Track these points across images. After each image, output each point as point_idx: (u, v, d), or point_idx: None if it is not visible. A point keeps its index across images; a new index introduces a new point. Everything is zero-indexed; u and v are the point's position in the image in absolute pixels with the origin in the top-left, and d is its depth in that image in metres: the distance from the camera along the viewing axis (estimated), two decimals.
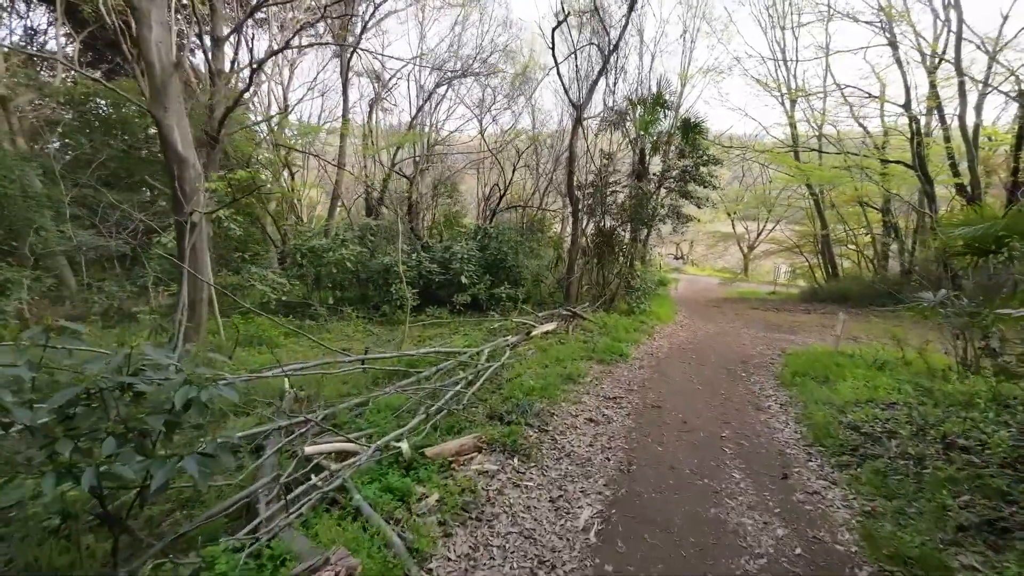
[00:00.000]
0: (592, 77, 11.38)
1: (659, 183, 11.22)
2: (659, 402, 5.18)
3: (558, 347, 7.44)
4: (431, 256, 10.77)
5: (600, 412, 4.80)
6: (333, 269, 9.31)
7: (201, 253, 5.52)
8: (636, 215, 11.27)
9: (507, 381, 5.69)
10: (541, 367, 6.36)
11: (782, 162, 17.10)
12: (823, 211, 17.70)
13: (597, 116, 11.80)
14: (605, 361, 6.79)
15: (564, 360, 6.68)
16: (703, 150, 10.82)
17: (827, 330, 11.03)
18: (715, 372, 6.73)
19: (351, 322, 9.19)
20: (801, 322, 12.18)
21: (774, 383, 6.14)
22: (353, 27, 14.22)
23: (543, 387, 5.29)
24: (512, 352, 7.25)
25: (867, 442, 3.77)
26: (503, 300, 10.48)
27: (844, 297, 15.96)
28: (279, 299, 8.70)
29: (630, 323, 9.49)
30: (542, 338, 8.22)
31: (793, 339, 9.72)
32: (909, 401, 4.50)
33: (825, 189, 17.66)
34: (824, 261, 18.35)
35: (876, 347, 7.55)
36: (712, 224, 25.11)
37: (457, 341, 7.87)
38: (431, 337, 8.60)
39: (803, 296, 17.48)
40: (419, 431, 4.06)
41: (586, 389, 5.53)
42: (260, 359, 6.80)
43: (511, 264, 11.04)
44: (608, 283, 11.77)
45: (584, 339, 8.26)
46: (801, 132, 18.08)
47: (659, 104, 11.58)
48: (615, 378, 6.11)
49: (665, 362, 7.20)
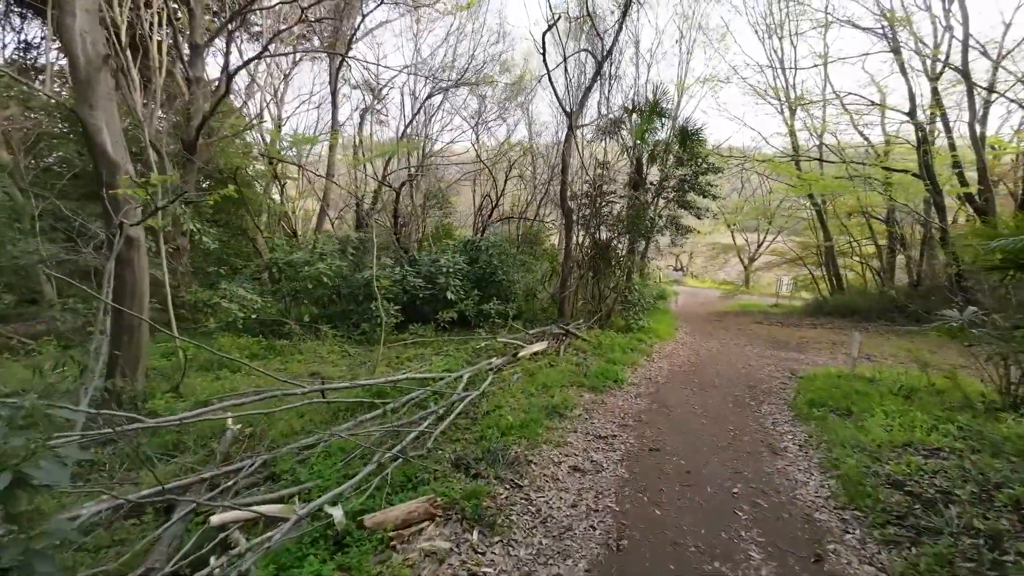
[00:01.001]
0: (586, 84, 10.77)
1: (656, 193, 10.53)
2: (658, 442, 4.39)
3: (547, 371, 6.66)
4: (416, 270, 10.05)
5: (588, 457, 4.01)
6: (309, 285, 8.60)
7: (139, 271, 4.81)
8: (633, 226, 10.56)
9: (484, 415, 4.92)
10: (525, 396, 5.59)
11: (782, 172, 16.44)
12: (826, 222, 16.97)
13: (592, 124, 11.19)
14: (597, 388, 5.99)
15: (552, 387, 5.91)
16: (702, 158, 10.14)
17: (837, 348, 10.23)
18: (721, 400, 5.93)
19: (327, 341, 8.44)
20: (808, 338, 11.36)
21: (788, 415, 5.33)
22: (343, 36, 13.73)
23: (523, 424, 4.51)
24: (496, 377, 6.48)
25: (916, 506, 2.97)
26: (492, 317, 9.73)
27: (851, 311, 15.14)
28: (247, 318, 7.96)
29: (627, 342, 8.71)
30: (531, 360, 7.45)
31: (802, 358, 8.91)
32: (957, 447, 3.70)
33: (828, 199, 16.95)
34: (828, 273, 17.56)
35: (897, 371, 6.75)
36: (712, 236, 24.41)
37: (437, 364, 7.11)
38: (411, 358, 7.84)
39: (807, 309, 16.65)
40: (364, 488, 3.28)
41: (573, 425, 4.74)
42: (215, 387, 6.06)
43: (501, 278, 10.31)
44: (604, 298, 11.01)
45: (576, 360, 7.48)
46: (801, 142, 17.46)
47: (655, 112, 10.94)
48: (608, 410, 5.32)
49: (665, 388, 6.41)
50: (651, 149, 11.11)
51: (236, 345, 7.44)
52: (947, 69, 13.19)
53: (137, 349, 5.07)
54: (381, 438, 4.30)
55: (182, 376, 5.75)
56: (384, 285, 9.24)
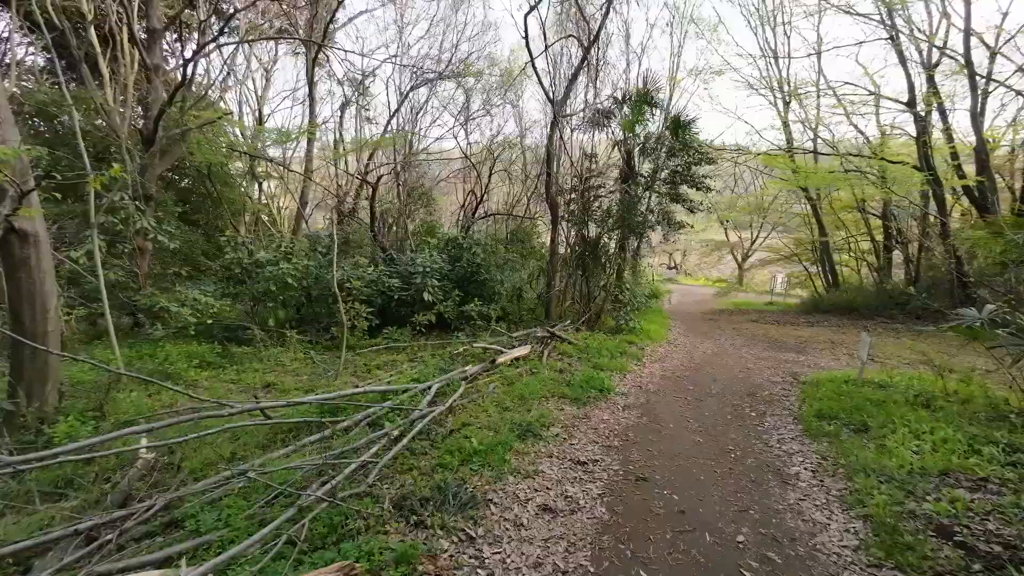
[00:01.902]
0: (572, 71, 10.05)
1: (647, 186, 9.83)
2: (646, 469, 3.67)
3: (527, 379, 5.94)
4: (392, 270, 9.29)
5: (562, 491, 3.29)
6: (272, 287, 7.83)
7: (39, 273, 4.05)
8: (623, 221, 9.86)
9: (447, 436, 4.19)
10: (499, 410, 4.87)
11: (776, 165, 15.80)
12: (821, 217, 16.36)
13: (579, 115, 10.49)
14: (581, 400, 5.27)
15: (530, 399, 5.19)
16: (695, 147, 9.44)
17: (838, 347, 9.59)
18: (718, 411, 5.23)
19: (291, 348, 7.68)
20: (807, 338, 10.72)
21: (795, 429, 4.64)
22: (320, 22, 12.93)
23: (490, 448, 3.78)
24: (469, 387, 5.75)
25: (976, 566, 2.28)
26: (474, 319, 8.99)
27: (848, 308, 14.55)
28: (202, 322, 7.19)
29: (616, 344, 8.01)
30: (511, 366, 6.73)
31: (802, 360, 8.25)
32: (1008, 477, 3.01)
33: (823, 194, 16.35)
34: (824, 270, 16.96)
35: (909, 376, 6.09)
36: (705, 233, 23.79)
37: (406, 373, 6.38)
38: (381, 366, 7.10)
39: (804, 307, 16.05)
40: (271, 540, 2.55)
41: (549, 448, 4.01)
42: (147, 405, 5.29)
43: (484, 278, 9.57)
44: (593, 298, 10.32)
45: (561, 367, 6.77)
46: (794, 135, 16.83)
47: (646, 102, 10.24)
48: (591, 426, 4.61)
49: (656, 398, 5.70)
50: (642, 143, 10.41)
51: (185, 353, 6.66)
52: (944, 57, 12.62)
53: (43, 363, 4.30)
54: (321, 468, 3.58)
55: (106, 392, 4.98)
56: (356, 286, 8.50)
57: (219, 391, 5.91)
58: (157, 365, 6.30)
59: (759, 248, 23.73)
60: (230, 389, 6.05)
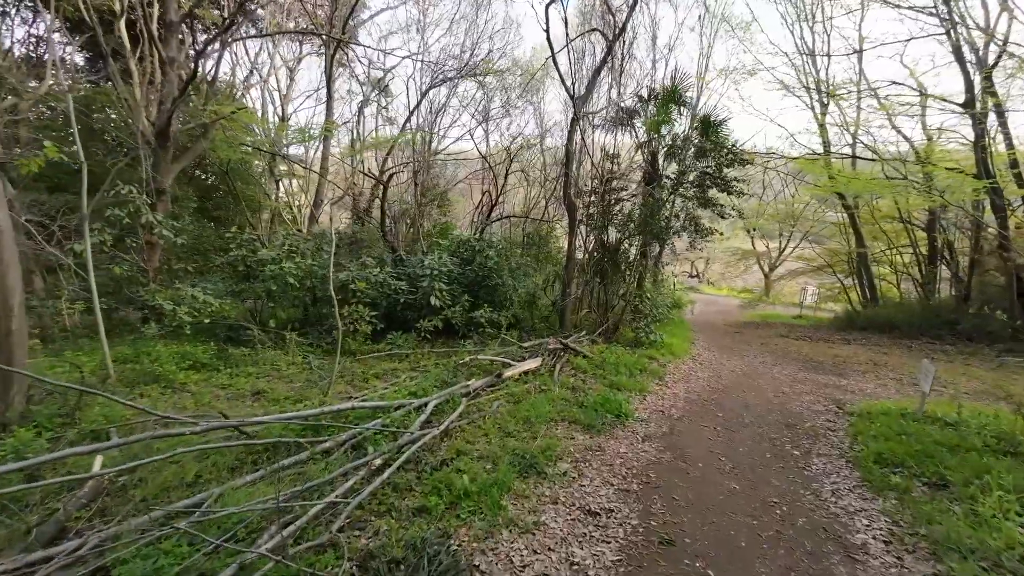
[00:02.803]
0: (595, 66, 9.38)
1: (673, 189, 9.05)
2: (672, 527, 2.98)
3: (535, 398, 5.29)
4: (399, 271, 8.78)
5: (567, 555, 2.63)
6: (272, 286, 7.41)
7: (1, 266, 3.65)
8: (646, 226, 9.11)
9: (437, 468, 3.59)
10: (500, 436, 4.24)
11: (812, 170, 14.72)
12: (859, 226, 15.15)
13: (601, 113, 9.80)
14: (594, 426, 4.59)
15: (537, 422, 4.55)
16: (728, 148, 8.63)
17: (882, 370, 8.60)
18: (754, 447, 4.48)
19: (290, 351, 7.23)
20: (845, 357, 9.72)
21: (851, 476, 3.85)
22: (339, 19, 12.63)
23: (483, 488, 3.16)
24: (471, 404, 5.15)
25: None
26: (483, 326, 8.39)
27: (888, 325, 13.34)
28: (200, 321, 6.79)
29: (635, 360, 7.27)
30: (519, 380, 6.09)
31: (845, 384, 7.34)
32: None
33: (862, 202, 15.16)
34: (861, 283, 15.72)
35: (980, 411, 5.18)
36: (730, 241, 22.64)
37: (404, 384, 5.81)
38: (380, 375, 6.56)
39: (838, 323, 14.88)
40: None
41: (555, 490, 3.36)
42: (122, 413, 4.86)
43: (495, 283, 8.97)
44: (611, 307, 9.58)
45: (573, 383, 6.09)
46: (831, 140, 15.68)
47: (673, 100, 9.48)
48: (606, 461, 3.92)
49: (681, 426, 4.97)
50: (668, 144, 9.64)
51: (177, 354, 6.27)
52: (1004, 55, 11.40)
53: (7, 363, 3.89)
54: (293, 497, 3.03)
55: (79, 397, 4.56)
56: (360, 288, 8.02)
57: (206, 396, 5.47)
58: (145, 366, 5.90)
59: (788, 258, 22.43)
60: (218, 395, 5.59)
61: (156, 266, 9.11)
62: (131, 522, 2.82)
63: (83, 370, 4.82)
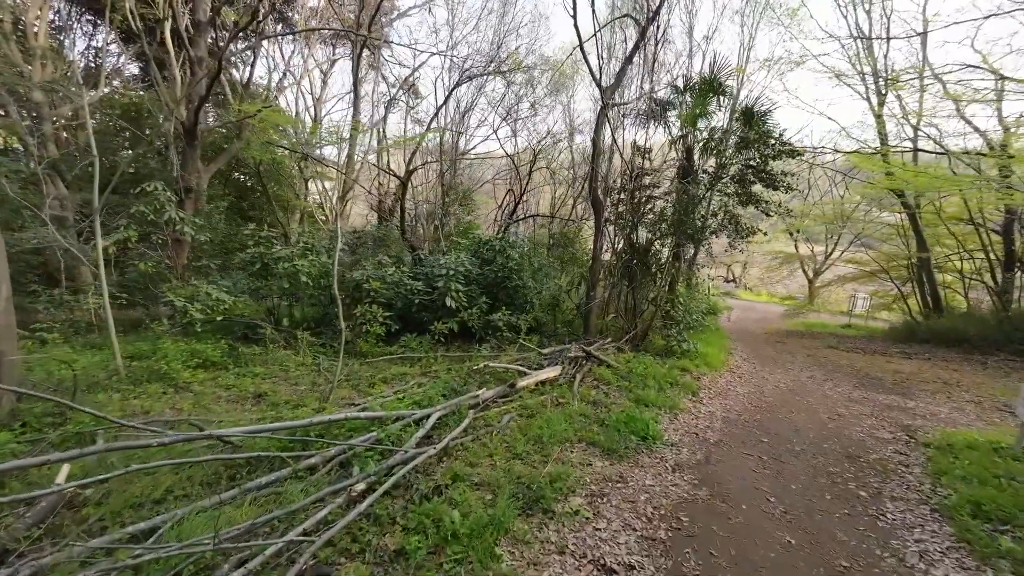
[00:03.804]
0: (626, 54, 8.67)
1: (711, 185, 8.21)
2: None
3: (550, 413, 4.69)
4: (416, 271, 8.37)
5: None
6: (285, 284, 7.16)
7: None
8: (680, 226, 8.31)
9: (428, 494, 3.07)
10: (506, 457, 3.68)
11: (867, 166, 13.33)
12: (921, 229, 13.59)
13: (632, 104, 9.05)
14: (616, 452, 3.94)
15: (550, 442, 3.96)
16: (775, 137, 7.70)
17: (955, 390, 7.43)
18: (810, 484, 3.70)
19: (302, 350, 6.94)
20: (907, 374, 8.54)
21: (940, 532, 3.04)
22: (365, 18, 12.47)
23: (476, 530, 2.60)
24: (479, 417, 4.62)
25: None
26: (501, 329, 7.85)
27: (955, 338, 11.84)
28: (211, 319, 6.60)
29: (666, 372, 6.52)
30: (535, 390, 5.52)
31: (912, 407, 6.31)
32: None
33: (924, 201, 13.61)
34: (922, 290, 14.12)
35: None
36: (770, 244, 21.12)
37: (410, 392, 5.34)
38: (389, 379, 6.13)
39: (895, 334, 13.41)
40: None
41: (562, 535, 2.75)
42: (118, 408, 4.62)
43: (516, 284, 8.41)
44: (640, 312, 8.82)
45: (595, 396, 5.44)
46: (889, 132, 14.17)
47: (712, 90, 8.64)
48: (627, 497, 3.28)
49: (718, 453, 4.24)
50: (706, 138, 8.79)
51: (187, 352, 6.08)
52: None
53: None
54: (251, 531, 2.59)
55: (73, 394, 4.35)
56: (375, 287, 7.66)
57: (207, 398, 5.20)
58: (153, 363, 5.72)
59: (836, 262, 20.66)
60: (220, 397, 5.32)
61: (184, 263, 9.14)
62: (73, 549, 2.45)
63: (74, 368, 4.61)
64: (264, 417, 4.64)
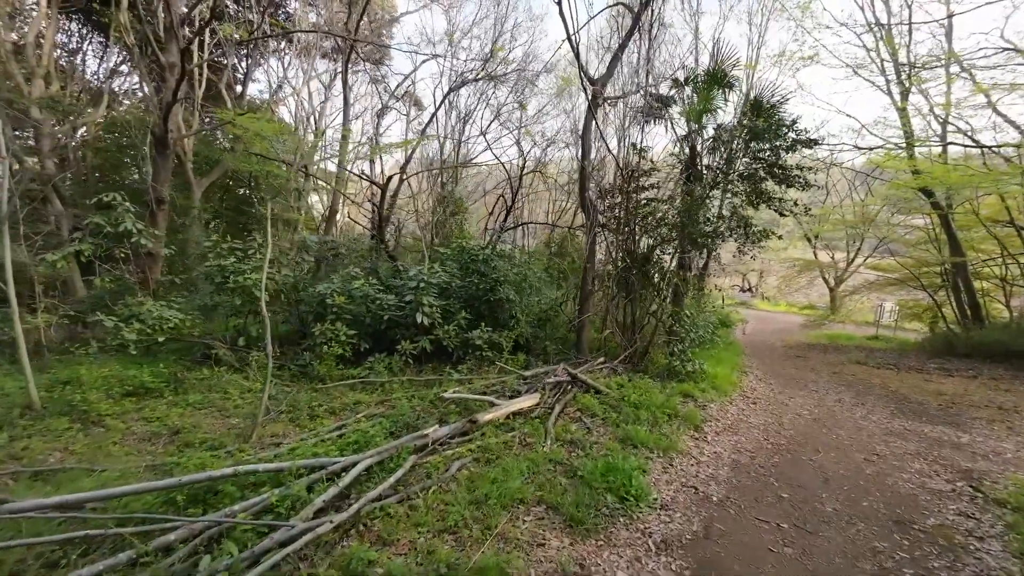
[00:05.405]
0: (619, 43, 7.81)
1: (717, 182, 7.20)
2: None
3: (510, 460, 3.73)
4: (390, 284, 7.54)
5: None
6: (236, 300, 6.41)
7: None
8: (683, 230, 7.30)
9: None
10: (432, 532, 2.73)
11: (890, 166, 12.11)
12: (955, 232, 12.23)
13: (626, 98, 8.14)
14: (583, 522, 2.94)
15: (494, 507, 2.99)
16: (788, 126, 6.68)
17: (1017, 418, 6.18)
18: (848, 570, 2.65)
19: (251, 373, 6.12)
20: (953, 396, 7.29)
21: None
22: (352, 23, 11.96)
23: None
24: (420, 465, 3.68)
25: None
26: (481, 348, 6.93)
27: (999, 352, 10.44)
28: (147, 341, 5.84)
29: (665, 399, 5.47)
30: (502, 425, 4.56)
31: (968, 443, 5.12)
32: None
33: (957, 201, 12.27)
34: (958, 299, 12.67)
35: None
36: (787, 251, 19.76)
37: (357, 426, 4.44)
38: (338, 410, 5.24)
39: (931, 347, 12.00)
40: None
41: None
42: None
43: (500, 297, 7.49)
44: (639, 327, 7.79)
45: (574, 433, 4.44)
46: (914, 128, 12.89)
47: (717, 83, 7.70)
48: None
49: (723, 520, 3.20)
50: (712, 137, 7.82)
51: (111, 379, 5.31)
52: None
53: None
54: None
55: None
56: (338, 302, 6.83)
57: (115, 435, 4.40)
58: (67, 394, 4.95)
59: (859, 269, 19.16)
60: (133, 434, 4.51)
61: (156, 277, 8.51)
62: None
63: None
64: (167, 463, 3.79)
